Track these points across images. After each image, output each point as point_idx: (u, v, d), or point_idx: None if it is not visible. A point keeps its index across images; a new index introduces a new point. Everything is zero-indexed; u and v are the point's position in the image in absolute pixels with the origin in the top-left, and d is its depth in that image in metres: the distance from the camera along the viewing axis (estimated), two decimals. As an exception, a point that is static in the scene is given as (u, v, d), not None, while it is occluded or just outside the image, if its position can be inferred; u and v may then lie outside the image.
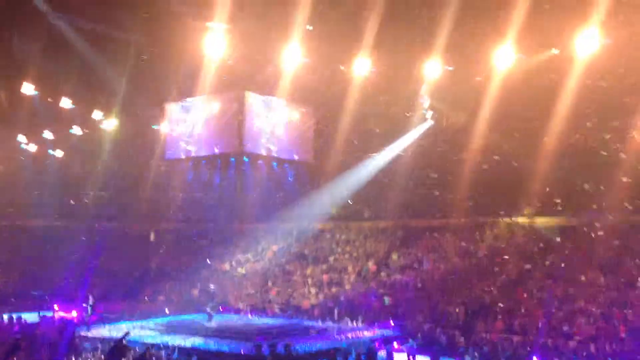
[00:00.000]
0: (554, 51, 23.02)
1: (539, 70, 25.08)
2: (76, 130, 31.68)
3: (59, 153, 33.53)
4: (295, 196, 33.50)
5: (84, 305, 22.58)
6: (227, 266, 31.66)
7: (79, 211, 33.32)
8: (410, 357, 16.85)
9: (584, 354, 17.38)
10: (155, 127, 31.44)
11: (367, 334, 21.36)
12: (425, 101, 30.11)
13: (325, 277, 28.30)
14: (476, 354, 17.37)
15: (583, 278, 21.98)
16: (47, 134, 31.83)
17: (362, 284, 26.95)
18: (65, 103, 29.51)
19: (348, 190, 31.75)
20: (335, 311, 24.45)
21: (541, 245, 25.48)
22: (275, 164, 31.50)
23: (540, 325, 19.44)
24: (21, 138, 32.09)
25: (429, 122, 30.86)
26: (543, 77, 24.90)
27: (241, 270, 30.90)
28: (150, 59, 25.60)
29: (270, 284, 28.70)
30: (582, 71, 23.31)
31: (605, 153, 26.86)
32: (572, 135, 27.35)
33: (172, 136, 29.06)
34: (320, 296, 26.61)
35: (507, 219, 27.17)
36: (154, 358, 16.74)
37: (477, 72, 26.17)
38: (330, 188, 32.39)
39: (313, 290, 27.18)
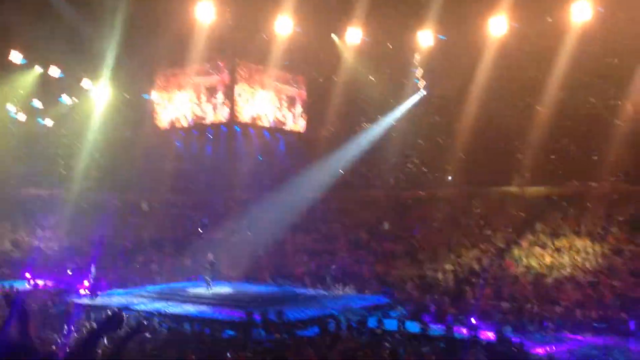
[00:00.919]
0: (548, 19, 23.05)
1: (533, 38, 25.07)
2: (66, 99, 31.45)
3: (48, 122, 33.26)
4: (287, 166, 33.52)
5: (89, 275, 22.63)
6: (219, 235, 31.76)
7: (70, 180, 33.16)
8: (400, 324, 17.09)
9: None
10: (145, 96, 31.22)
11: (358, 301, 21.60)
12: (417, 71, 30.05)
13: (316, 245, 28.49)
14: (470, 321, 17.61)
15: (570, 246, 22.24)
16: (37, 103, 31.58)
17: (353, 252, 27.16)
18: (54, 72, 29.29)
19: (341, 160, 31.75)
20: (327, 279, 24.69)
21: (531, 214, 25.74)
22: (267, 133, 31.45)
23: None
24: (10, 107, 31.83)
25: (422, 92, 30.80)
26: (537, 46, 24.86)
27: (233, 239, 31.02)
28: (141, 27, 25.31)
29: (261, 252, 28.85)
30: (575, 39, 23.34)
31: (599, 121, 27.00)
32: (565, 105, 27.42)
33: (162, 106, 28.92)
34: (312, 264, 26.81)
35: (497, 188, 27.30)
36: (146, 325, 16.92)
37: (470, 41, 26.13)
38: (323, 158, 32.38)
39: (304, 258, 27.38)
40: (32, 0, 23.52)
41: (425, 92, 30.76)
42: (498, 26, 23.76)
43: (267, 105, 28.57)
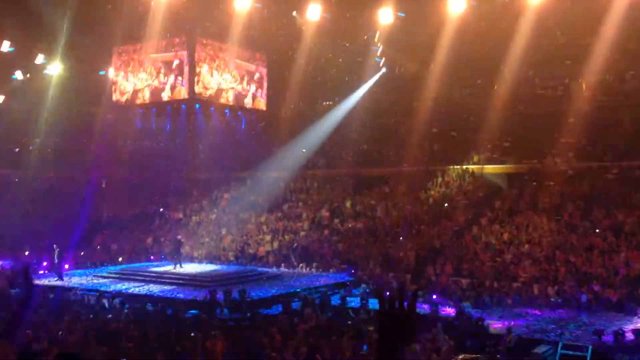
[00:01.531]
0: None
1: (491, 16, 25.38)
2: (18, 75, 30.40)
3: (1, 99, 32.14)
4: (248, 144, 33.30)
5: (52, 256, 22.12)
6: (180, 215, 31.47)
7: (25, 160, 32.19)
8: (364, 302, 17.32)
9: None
10: (102, 72, 30.44)
11: (321, 280, 21.76)
12: (378, 49, 30.10)
13: (279, 224, 28.51)
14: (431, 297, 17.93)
15: (527, 223, 22.78)
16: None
17: (315, 231, 27.27)
18: (4, 46, 28.21)
19: (303, 139, 31.71)
20: (290, 258, 24.77)
21: (489, 192, 26.26)
22: (227, 111, 31.11)
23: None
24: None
25: (382, 71, 30.91)
26: (495, 24, 25.17)
27: (195, 219, 30.78)
28: (97, 1, 24.62)
29: (224, 232, 28.72)
30: (532, 19, 23.71)
31: (554, 100, 27.61)
32: (521, 83, 27.93)
33: (119, 82, 28.24)
34: (275, 243, 26.84)
35: (457, 167, 27.70)
36: (106, 304, 16.75)
37: (429, 19, 26.27)
38: (284, 137, 32.30)
39: (267, 238, 27.39)
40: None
41: (385, 71, 30.90)
42: (456, 4, 23.94)
43: (227, 82, 28.20)
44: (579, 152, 25.40)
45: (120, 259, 26.29)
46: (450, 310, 16.37)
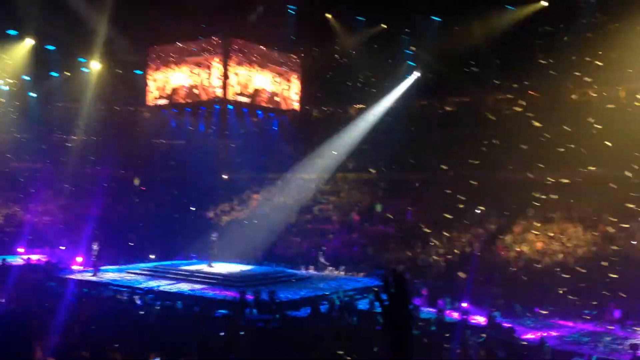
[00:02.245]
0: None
1: (528, 21, 25.04)
2: (58, 73, 31.10)
3: (41, 96, 32.91)
4: (280, 146, 33.43)
5: (91, 251, 22.51)
6: (211, 214, 31.75)
7: (63, 156, 32.91)
8: None
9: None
10: (139, 72, 30.93)
11: (350, 283, 21.72)
12: (412, 53, 29.98)
13: (309, 226, 28.55)
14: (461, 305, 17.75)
15: (562, 232, 22.37)
16: (28, 76, 31.20)
17: (345, 234, 27.23)
18: (46, 45, 28.91)
19: (335, 141, 31.71)
20: (319, 260, 24.78)
21: (523, 200, 25.84)
22: (260, 112, 31.27)
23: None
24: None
25: (416, 74, 30.73)
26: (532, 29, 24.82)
27: (225, 219, 31.02)
28: (136, 2, 25.04)
29: (254, 232, 28.85)
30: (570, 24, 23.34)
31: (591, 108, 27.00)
32: (558, 90, 27.49)
33: (155, 82, 28.65)
34: (305, 245, 26.88)
35: (491, 173, 27.31)
36: (139, 302, 16.96)
37: (467, 23, 26.08)
38: (316, 138, 32.34)
39: (297, 239, 27.43)
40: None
41: (419, 74, 30.70)
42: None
43: (261, 83, 28.36)
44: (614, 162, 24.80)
45: (152, 257, 26.63)
46: (481, 319, 16.17)
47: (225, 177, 34.21)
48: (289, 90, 29.88)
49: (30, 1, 24.03)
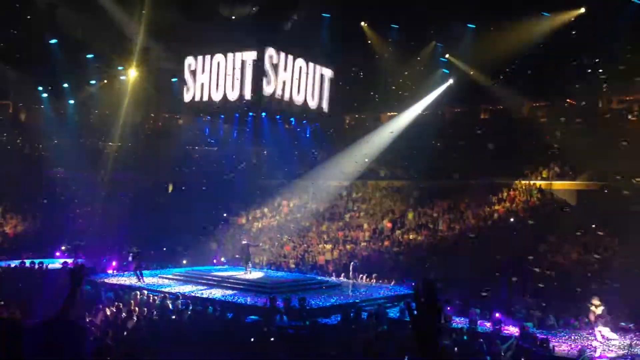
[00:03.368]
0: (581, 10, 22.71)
1: (563, 29, 24.68)
2: (95, 80, 31.79)
3: (78, 104, 33.69)
4: (311, 153, 33.57)
5: (130, 255, 22.86)
6: (243, 220, 32.01)
7: (100, 161, 33.60)
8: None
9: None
10: (174, 80, 31.41)
11: (381, 291, 21.62)
12: (445, 60, 29.84)
13: (340, 234, 28.55)
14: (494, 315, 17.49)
15: (597, 243, 21.90)
16: (67, 84, 31.95)
17: (376, 242, 27.15)
18: (85, 53, 29.57)
19: (366, 148, 31.71)
20: (350, 268, 24.71)
21: (557, 209, 25.41)
22: (293, 120, 31.46)
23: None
24: (40, 88, 32.28)
25: (449, 82, 30.56)
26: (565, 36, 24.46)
27: (257, 225, 31.23)
28: (171, 9, 25.47)
29: (285, 239, 29.01)
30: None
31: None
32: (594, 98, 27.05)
33: (190, 89, 29.03)
34: (335, 253, 26.88)
35: (524, 182, 26.99)
36: (171, 306, 17.16)
37: (501, 31, 25.87)
38: (348, 145, 32.40)
39: (328, 247, 27.47)
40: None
41: (452, 82, 30.53)
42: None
43: (294, 90, 28.50)
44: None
45: (184, 262, 26.95)
46: (514, 330, 15.91)
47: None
48: (321, 97, 29.95)
49: (69, 10, 24.65)
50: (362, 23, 28.53)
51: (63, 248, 26.66)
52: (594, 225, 22.95)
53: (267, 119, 30.89)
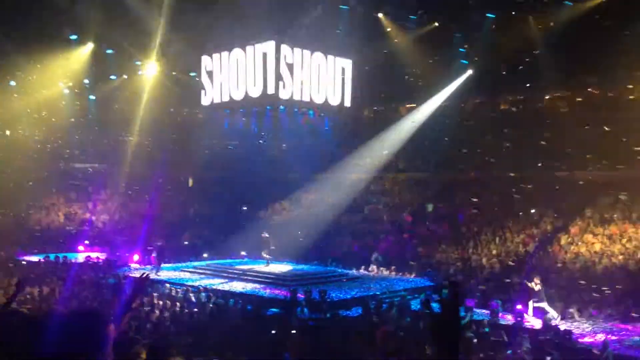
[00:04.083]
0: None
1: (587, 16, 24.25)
2: (115, 76, 32.06)
3: (99, 99, 34.02)
4: (331, 146, 33.52)
5: (151, 248, 23.05)
6: (263, 214, 32.12)
7: (121, 156, 33.94)
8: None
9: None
10: (193, 75, 31.54)
11: (401, 283, 21.59)
12: (464, 50, 29.55)
13: (360, 226, 28.53)
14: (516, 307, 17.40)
15: (622, 233, 21.62)
16: (88, 80, 32.25)
17: (396, 234, 27.09)
18: (105, 48, 29.81)
19: (386, 141, 31.62)
20: (370, 260, 24.72)
21: (579, 199, 25.12)
22: (312, 113, 31.39)
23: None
24: (62, 84, 32.59)
25: (468, 72, 30.26)
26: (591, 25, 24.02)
27: (277, 218, 31.32)
28: (191, 4, 25.54)
29: (305, 232, 29.04)
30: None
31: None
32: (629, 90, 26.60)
33: (209, 84, 29.14)
34: (355, 245, 26.86)
35: (546, 173, 26.71)
36: (193, 299, 17.33)
37: (517, 20, 25.56)
38: (367, 138, 32.32)
39: (349, 240, 27.45)
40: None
41: (472, 72, 30.22)
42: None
43: (312, 83, 28.44)
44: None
45: (205, 255, 27.14)
46: (536, 322, 15.82)
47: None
48: (340, 90, 29.85)
49: (89, 6, 24.79)
50: (380, 14, 28.32)
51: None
52: (615, 215, 22.68)
53: (285, 113, 30.88)
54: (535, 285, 17.02)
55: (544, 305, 16.79)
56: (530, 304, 16.97)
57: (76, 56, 29.86)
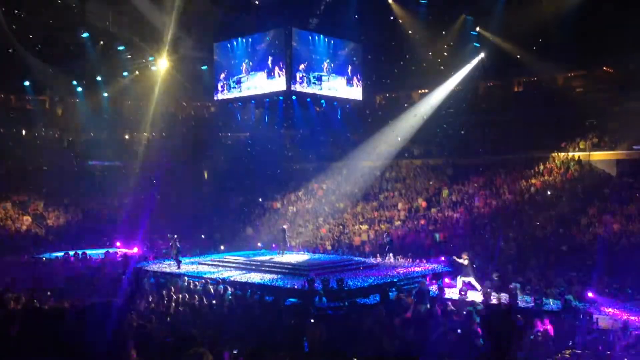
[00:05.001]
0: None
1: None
2: (127, 72, 32.18)
3: (111, 95, 34.20)
4: (344, 134, 33.46)
5: (170, 243, 23.16)
6: (278, 204, 32.22)
7: (134, 152, 34.16)
8: (462, 292, 16.98)
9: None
10: (204, 68, 31.60)
11: (418, 269, 21.53)
12: (476, 34, 29.29)
13: (375, 214, 28.51)
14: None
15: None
16: (101, 77, 32.40)
17: (412, 220, 27.04)
18: (117, 45, 29.91)
19: (398, 127, 31.53)
20: (386, 247, 24.68)
21: (596, 180, 24.92)
22: (323, 102, 31.34)
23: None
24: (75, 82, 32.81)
25: (480, 55, 30.01)
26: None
27: (292, 209, 31.40)
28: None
29: (321, 221, 29.10)
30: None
31: None
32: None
33: (220, 76, 29.19)
34: (371, 233, 26.87)
35: (561, 154, 26.51)
36: (212, 290, 17.43)
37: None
38: (380, 125, 32.24)
39: (364, 227, 27.47)
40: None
41: (483, 56, 29.96)
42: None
43: (323, 73, 28.39)
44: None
45: (222, 247, 27.30)
46: (556, 304, 15.73)
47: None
48: (351, 78, 29.77)
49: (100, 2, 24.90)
50: (389, 0, 28.14)
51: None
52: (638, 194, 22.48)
53: (298, 103, 30.85)
54: (464, 260, 17.82)
55: (471, 279, 17.71)
56: (459, 278, 17.90)
57: (89, 54, 29.96)
